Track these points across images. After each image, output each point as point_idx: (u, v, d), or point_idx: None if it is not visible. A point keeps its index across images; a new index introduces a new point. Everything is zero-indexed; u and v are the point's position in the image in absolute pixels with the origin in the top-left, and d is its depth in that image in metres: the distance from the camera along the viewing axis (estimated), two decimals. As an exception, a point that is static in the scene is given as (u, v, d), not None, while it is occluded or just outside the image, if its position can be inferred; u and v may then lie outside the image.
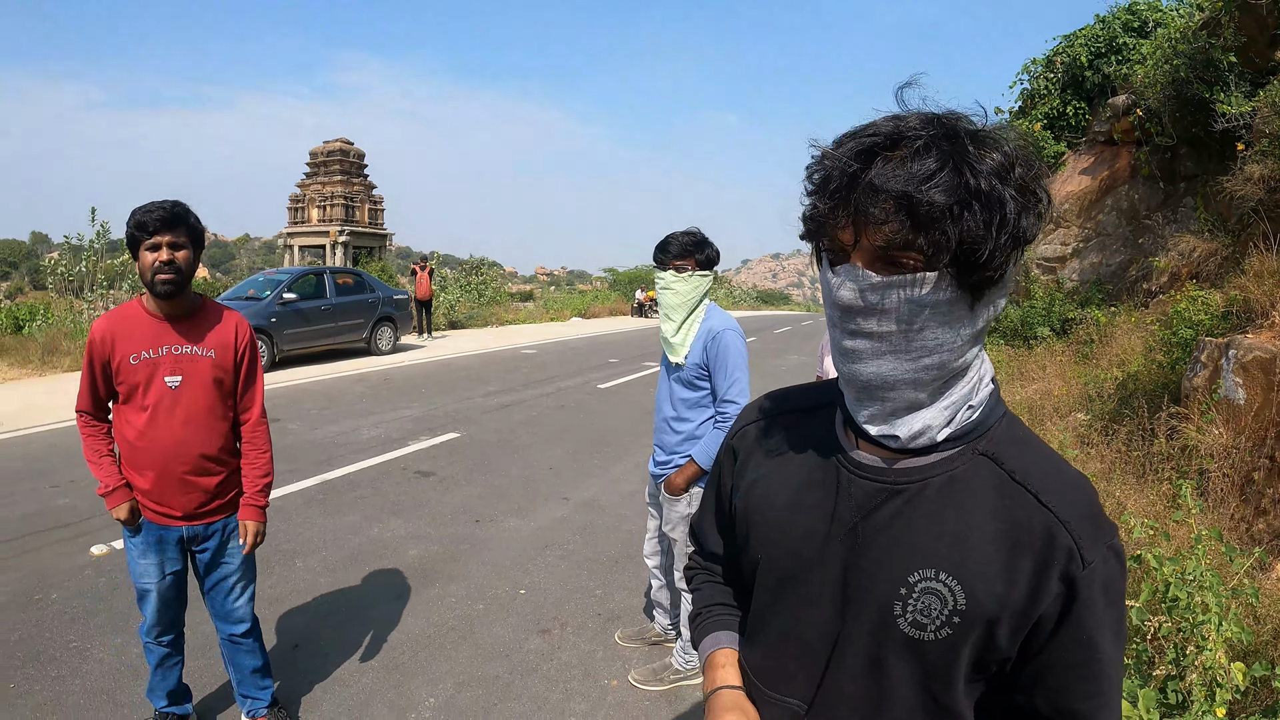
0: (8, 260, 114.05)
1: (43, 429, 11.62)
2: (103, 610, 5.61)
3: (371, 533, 7.20)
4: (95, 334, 3.59)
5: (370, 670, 4.90)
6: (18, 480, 8.79)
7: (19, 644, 5.15)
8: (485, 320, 34.04)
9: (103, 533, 7.03)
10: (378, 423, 11.97)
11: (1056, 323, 15.30)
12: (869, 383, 1.23)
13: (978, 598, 1.20)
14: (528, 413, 13.01)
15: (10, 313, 22.76)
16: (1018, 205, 1.10)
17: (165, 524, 3.70)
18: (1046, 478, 1.24)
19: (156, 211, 3.43)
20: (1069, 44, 18.39)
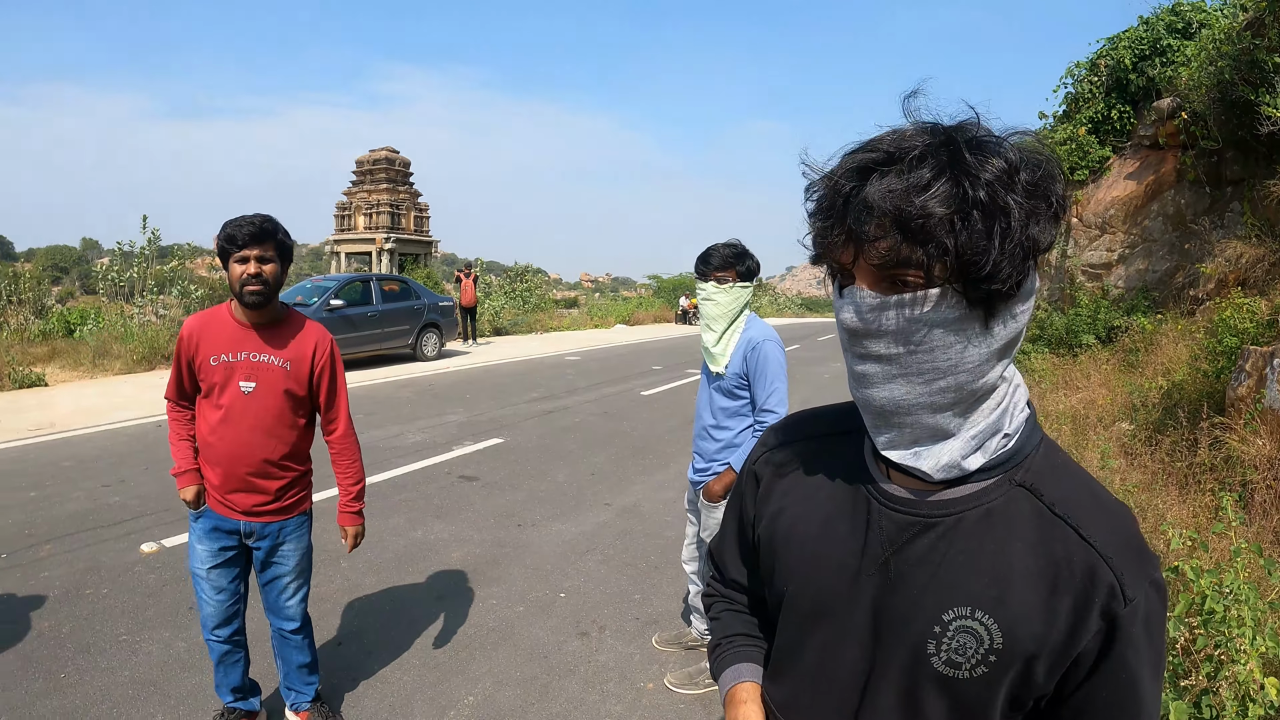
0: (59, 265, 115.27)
1: (94, 430, 11.88)
2: (152, 605, 5.77)
3: (415, 535, 7.31)
4: (184, 332, 3.77)
5: (411, 668, 4.99)
6: (70, 479, 9.01)
7: (70, 635, 5.32)
8: (530, 327, 34.22)
9: (152, 531, 7.22)
10: (423, 428, 12.10)
11: (1102, 330, 15.07)
12: (883, 408, 1.18)
13: (1016, 636, 1.15)
14: (571, 419, 13.09)
15: (62, 317, 23.14)
16: (1024, 212, 1.04)
17: (225, 514, 3.85)
18: (1087, 509, 1.19)
19: (246, 226, 3.55)
20: (1112, 46, 18.03)
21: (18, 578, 6.21)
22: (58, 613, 5.65)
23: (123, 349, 19.13)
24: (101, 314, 23.29)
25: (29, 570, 6.37)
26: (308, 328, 3.93)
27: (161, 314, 23.96)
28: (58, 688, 4.70)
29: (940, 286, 1.08)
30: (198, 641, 5.20)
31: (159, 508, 7.93)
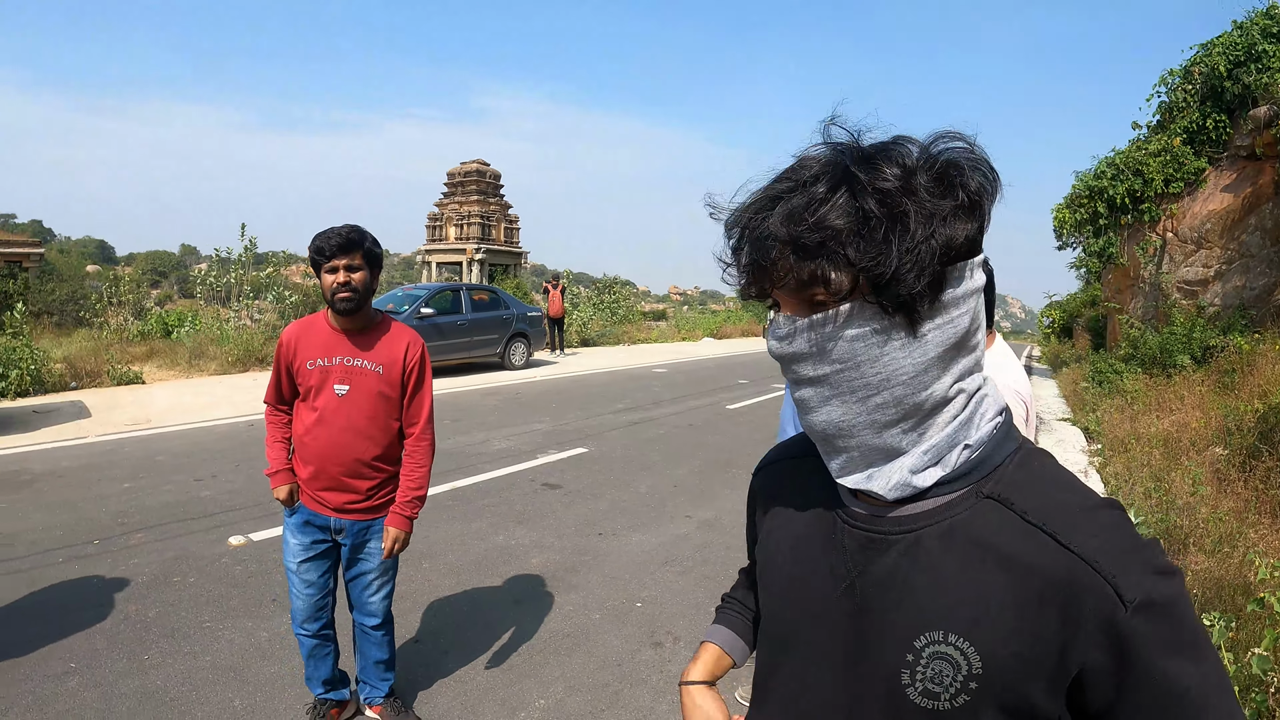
0: (158, 270, 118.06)
1: (188, 427, 12.25)
2: (237, 595, 5.90)
3: (497, 540, 7.36)
4: (284, 339, 3.96)
5: (484, 669, 5.02)
6: (163, 472, 9.29)
7: (156, 620, 5.48)
8: (617, 338, 34.28)
9: (241, 525, 7.39)
10: (508, 435, 12.19)
11: (1197, 350, 14.69)
12: (824, 432, 1.14)
13: (996, 659, 1.06)
14: (656, 430, 13.08)
15: (160, 319, 23.72)
16: (925, 213, 1.00)
17: (316, 510, 3.97)
18: (1067, 513, 1.08)
19: (334, 238, 3.71)
20: (1206, 53, 17.52)
21: (109, 563, 6.41)
22: (145, 598, 5.81)
23: (218, 351, 19.64)
24: (198, 317, 23.86)
25: (119, 557, 6.56)
26: (399, 332, 4.03)
27: (256, 318, 24.42)
28: (140, 668, 4.84)
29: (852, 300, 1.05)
30: (279, 632, 5.31)
31: (248, 503, 8.11)
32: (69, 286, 34.80)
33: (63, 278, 41.63)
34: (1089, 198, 18.45)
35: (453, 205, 46.42)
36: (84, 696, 4.51)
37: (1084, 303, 33.79)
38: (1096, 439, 12.26)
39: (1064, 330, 36.55)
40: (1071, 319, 35.08)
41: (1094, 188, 18.31)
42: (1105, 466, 10.17)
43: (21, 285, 27.67)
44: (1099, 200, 18.23)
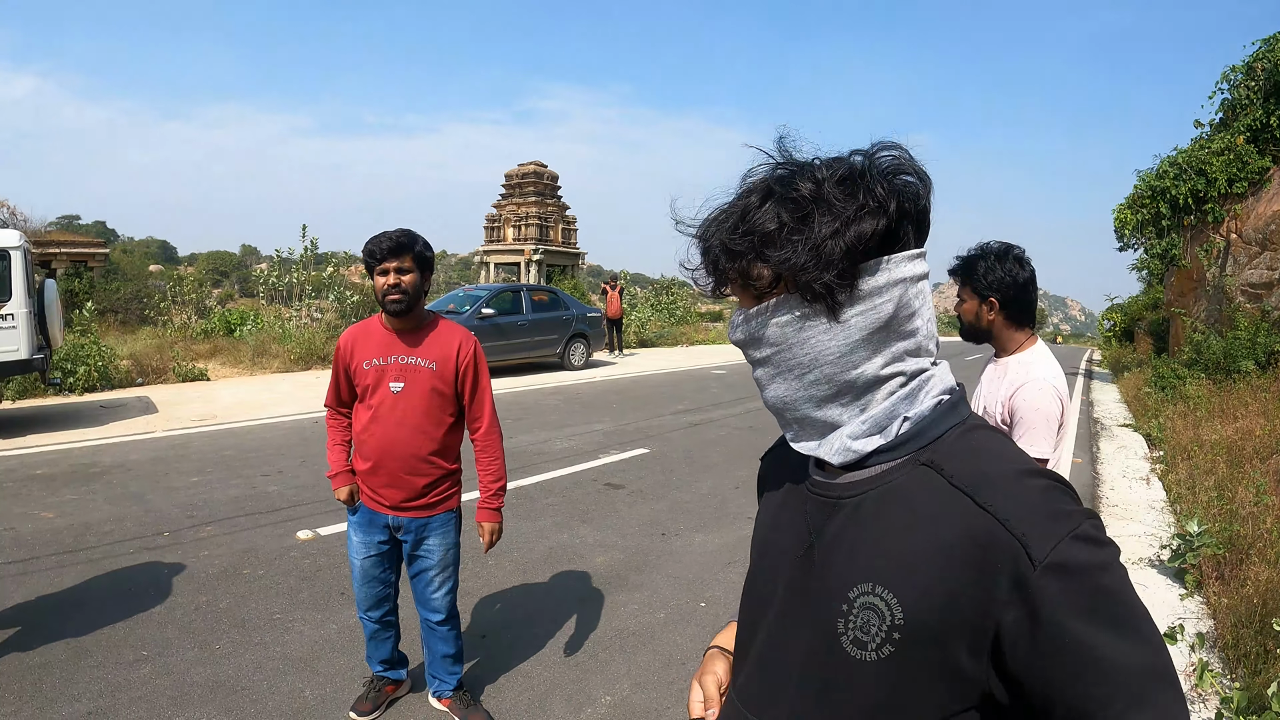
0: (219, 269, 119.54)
1: (253, 423, 12.43)
2: (306, 589, 5.96)
3: (561, 538, 7.38)
4: (341, 342, 4.14)
5: (551, 665, 5.04)
6: (230, 467, 9.43)
7: (226, 611, 5.56)
8: (675, 339, 34.27)
9: (308, 520, 7.47)
10: (570, 435, 12.24)
11: (1261, 356, 14.56)
12: (774, 406, 1.29)
13: (916, 612, 1.12)
14: (716, 432, 13.05)
15: (223, 317, 24.02)
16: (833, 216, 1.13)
17: (375, 509, 4.08)
18: (989, 479, 1.15)
19: (385, 242, 3.83)
20: (1269, 48, 17.35)
21: (179, 555, 6.51)
22: (215, 589, 5.90)
23: (280, 349, 19.91)
24: (260, 316, 24.12)
25: (189, 549, 6.66)
26: (452, 330, 4.13)
27: (315, 317, 24.64)
28: (212, 658, 4.92)
29: (779, 292, 1.20)
30: (348, 625, 5.37)
31: (314, 498, 8.20)
32: (133, 286, 35.21)
33: (127, 277, 42.11)
34: (1151, 198, 18.29)
35: (510, 206, 46.65)
36: (156, 684, 4.58)
37: (1145, 306, 33.40)
38: (1159, 445, 12.14)
39: (1125, 334, 36.14)
40: (1133, 322, 34.67)
41: (1156, 188, 18.14)
42: (1168, 474, 10.10)
43: (87, 284, 28.15)
44: (1161, 200, 18.06)
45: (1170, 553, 6.82)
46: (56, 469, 9.25)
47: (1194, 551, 6.42)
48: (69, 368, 15.14)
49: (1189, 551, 6.46)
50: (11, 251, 10.93)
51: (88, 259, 31.81)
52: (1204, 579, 6.24)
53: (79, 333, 17.17)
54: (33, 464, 9.40)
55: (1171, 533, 7.64)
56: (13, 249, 10.95)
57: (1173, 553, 6.73)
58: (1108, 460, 11.69)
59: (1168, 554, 6.93)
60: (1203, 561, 6.36)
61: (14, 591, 5.77)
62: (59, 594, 5.76)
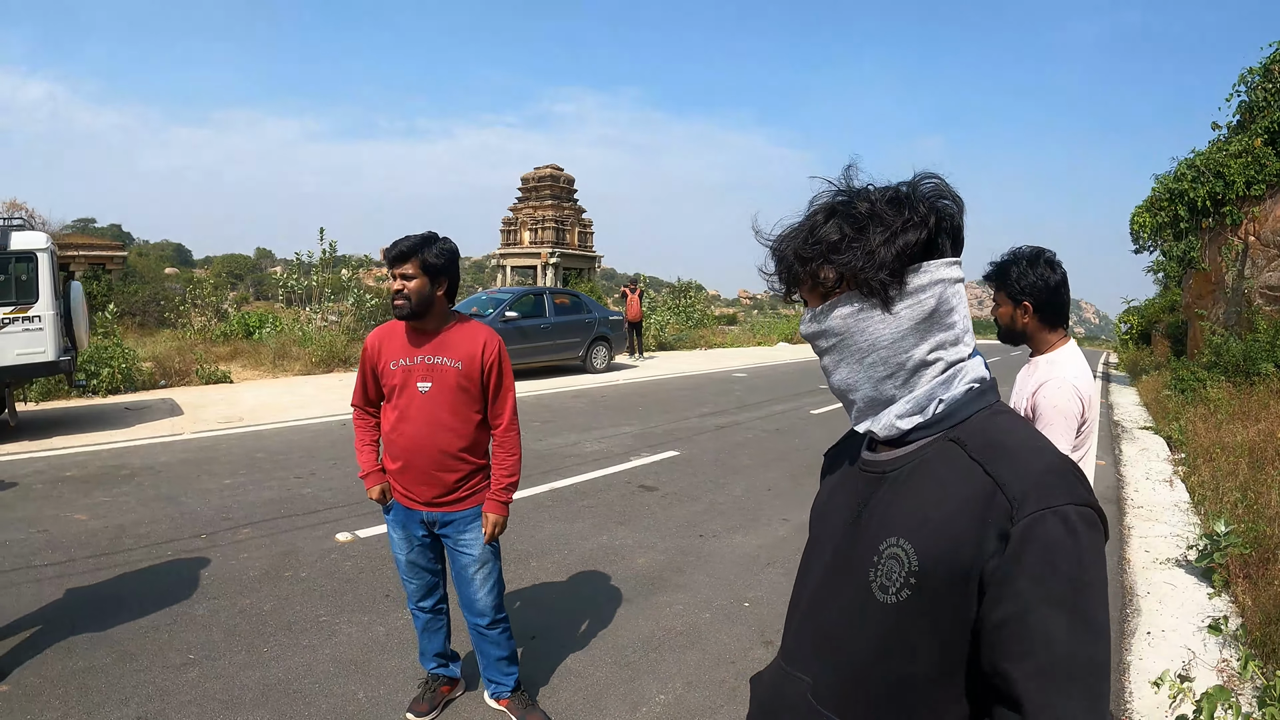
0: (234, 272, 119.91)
1: (281, 425, 12.43)
2: (349, 591, 5.92)
3: (600, 540, 7.35)
4: (368, 342, 4.20)
5: (603, 665, 5.03)
6: (263, 469, 9.41)
7: (271, 614, 5.51)
8: (694, 343, 34.30)
9: (346, 522, 7.44)
10: (599, 437, 12.21)
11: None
12: (838, 388, 1.52)
13: (928, 558, 1.32)
14: (743, 435, 13.03)
15: (242, 320, 24.08)
16: (884, 228, 1.37)
17: (409, 506, 4.15)
18: (1000, 452, 1.35)
19: (392, 249, 3.94)
20: None
21: (219, 557, 6.47)
22: (258, 591, 5.85)
23: (301, 351, 19.89)
24: (278, 319, 24.18)
25: (228, 551, 6.62)
26: (476, 330, 4.19)
27: (331, 319, 24.66)
28: (260, 661, 4.87)
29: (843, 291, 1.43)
30: (396, 627, 5.34)
31: (349, 500, 8.17)
32: (150, 288, 35.33)
33: (144, 280, 42.26)
34: (1169, 201, 18.28)
35: (527, 209, 46.68)
36: (206, 688, 4.53)
37: (1162, 308, 33.34)
38: (1180, 448, 12.12)
39: (1142, 336, 36.04)
40: (1150, 325, 34.59)
41: (1174, 190, 18.14)
42: (1190, 475, 10.09)
43: (105, 286, 28.24)
44: (1179, 203, 18.06)
45: (1197, 553, 6.86)
46: (86, 471, 9.23)
47: (1221, 551, 6.46)
48: (92, 370, 15.16)
49: (1216, 551, 6.50)
50: (39, 254, 10.93)
51: (106, 261, 31.94)
52: (1232, 578, 6.28)
53: (101, 335, 17.22)
54: (61, 466, 9.38)
55: (1197, 533, 7.66)
56: (40, 251, 10.94)
57: (1200, 553, 6.77)
58: (1130, 462, 11.68)
59: (1194, 554, 6.96)
60: (1230, 561, 6.41)
61: (53, 594, 5.73)
62: (98, 597, 5.72)
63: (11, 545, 6.66)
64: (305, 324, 23.64)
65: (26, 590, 5.78)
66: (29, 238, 11.05)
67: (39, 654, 4.86)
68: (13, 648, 4.93)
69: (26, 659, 4.79)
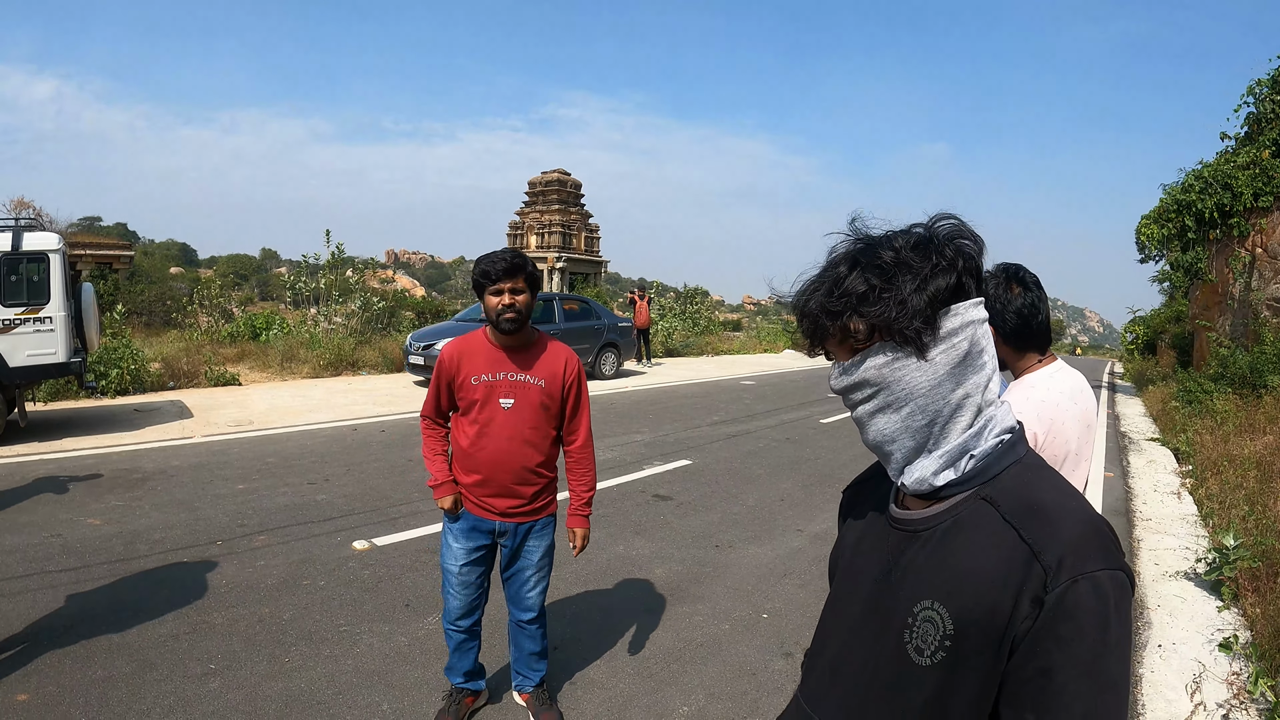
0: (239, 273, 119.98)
1: (292, 429, 12.41)
2: (369, 600, 5.89)
3: (617, 550, 7.35)
4: (444, 356, 4.19)
5: (625, 675, 5.03)
6: (276, 474, 9.38)
7: (291, 623, 5.48)
8: (700, 349, 34.29)
9: (362, 529, 7.41)
10: (611, 445, 12.16)
11: (1289, 370, 14.35)
12: (875, 441, 1.47)
13: (962, 623, 1.33)
14: (755, 444, 13.00)
15: (249, 321, 24.03)
16: (914, 275, 1.35)
17: (481, 515, 4.19)
18: (1034, 514, 1.35)
19: (500, 263, 3.91)
20: None
21: (235, 565, 6.44)
22: (277, 600, 5.82)
23: (309, 354, 19.85)
24: (285, 320, 24.14)
25: (245, 559, 6.59)
26: (557, 349, 4.26)
27: (338, 321, 24.60)
28: (282, 671, 4.84)
29: (874, 342, 1.40)
30: (418, 636, 5.32)
31: (365, 507, 8.14)
32: (156, 288, 35.38)
33: (150, 280, 42.36)
34: (1177, 211, 18.34)
35: (534, 214, 46.67)
36: (228, 698, 4.51)
37: (1168, 318, 33.33)
38: (1187, 460, 12.10)
39: (1148, 346, 36.02)
40: (1156, 335, 34.59)
41: (1182, 201, 18.18)
42: (1198, 488, 10.06)
43: (112, 286, 28.20)
44: (1187, 214, 18.11)
45: (1206, 566, 6.86)
46: (98, 474, 9.19)
47: (1230, 565, 6.47)
48: (101, 371, 15.15)
49: (1225, 565, 6.51)
50: (51, 255, 10.90)
51: (113, 261, 31.94)
52: (1241, 591, 6.28)
53: (110, 335, 17.19)
54: (72, 469, 9.34)
55: (1205, 546, 7.67)
56: (52, 252, 10.92)
57: (1209, 566, 6.78)
58: (1138, 475, 11.66)
59: (1203, 567, 6.95)
60: (1239, 575, 6.40)
61: (68, 601, 5.69)
62: (115, 603, 5.68)
63: (26, 550, 6.62)
64: (312, 326, 23.64)
65: (42, 596, 5.74)
66: (41, 238, 11.02)
67: (57, 662, 4.83)
68: (31, 655, 4.89)
69: (45, 667, 4.76)
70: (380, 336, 23.86)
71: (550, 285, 44.77)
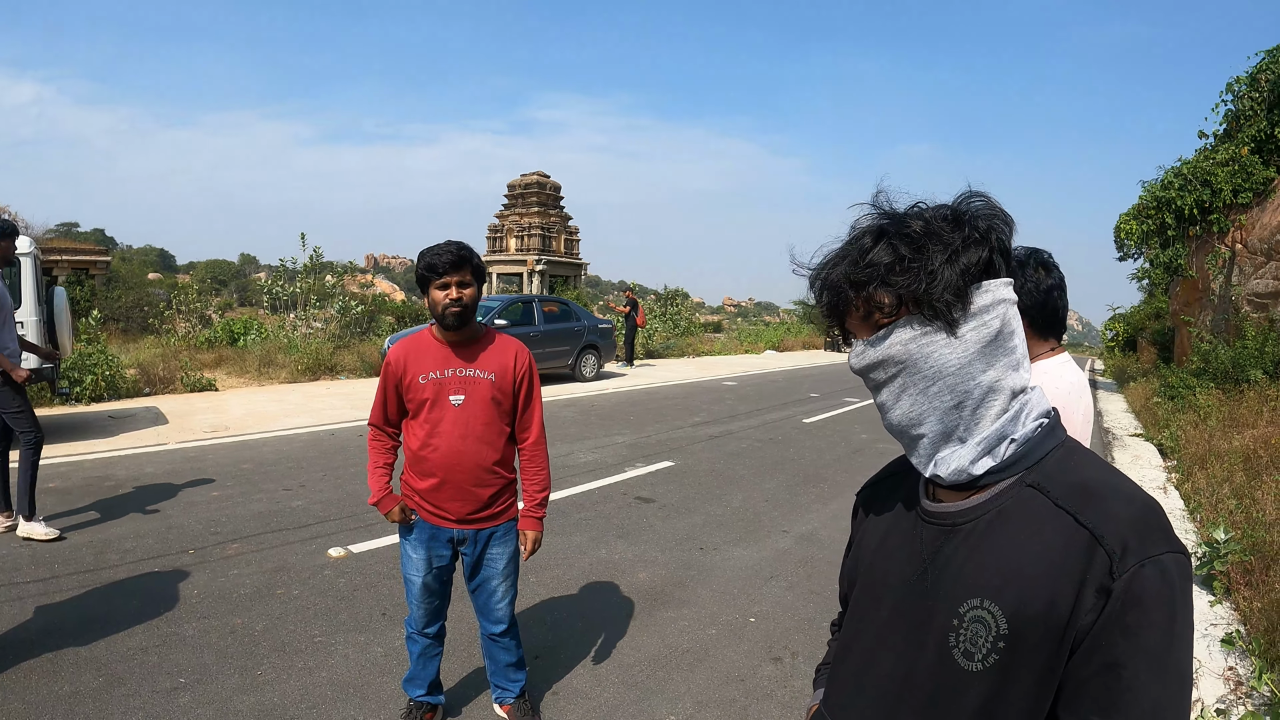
0: (218, 278, 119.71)
1: (269, 435, 12.22)
2: (345, 609, 5.74)
3: (599, 554, 7.22)
4: (391, 357, 4.06)
5: (610, 684, 4.92)
6: (251, 481, 9.20)
7: (264, 634, 5.33)
8: (681, 350, 34.28)
9: (338, 536, 7.26)
10: (593, 448, 12.07)
11: (1270, 365, 14.63)
12: (900, 425, 1.40)
13: (1020, 620, 1.25)
14: (738, 444, 12.92)
15: (227, 326, 23.88)
16: (944, 246, 1.30)
17: (438, 524, 4.03)
18: (1088, 497, 1.28)
19: (445, 255, 3.81)
20: (1273, 59, 17.56)
21: (208, 574, 6.28)
22: (249, 610, 5.67)
23: (286, 359, 19.74)
24: (263, 325, 23.99)
25: (217, 567, 6.42)
26: (506, 342, 4.15)
27: (316, 326, 24.44)
28: (255, 684, 4.70)
29: (901, 316, 1.33)
30: (394, 647, 5.18)
31: (341, 514, 7.99)
32: (134, 294, 35.18)
33: (127, 285, 42.05)
34: (1156, 208, 18.51)
35: (513, 217, 46.59)
36: (198, 713, 4.36)
37: (1148, 315, 33.51)
38: (1172, 455, 12.13)
39: (1128, 343, 36.17)
40: (1136, 331, 34.73)
41: (1162, 199, 18.37)
42: (1184, 483, 10.06)
43: (89, 292, 28.04)
44: (1167, 211, 18.30)
45: (1197, 560, 6.79)
46: (69, 482, 9.01)
47: (1221, 559, 6.44)
48: (75, 377, 14.92)
49: (1216, 559, 6.48)
50: (22, 258, 10.73)
51: (89, 266, 31.78)
52: (1233, 585, 6.26)
53: (85, 341, 16.99)
54: (44, 476, 9.04)
55: (1194, 540, 7.62)
56: (23, 255, 10.74)
57: (1199, 560, 6.72)
58: (1123, 470, 11.52)
59: (1194, 561, 6.85)
60: (1230, 568, 6.39)
61: (36, 614, 5.52)
62: (83, 615, 5.52)
63: (-7, 560, 6.43)
64: (290, 331, 23.46)
65: (8, 609, 5.58)
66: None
67: (23, 677, 4.67)
68: (-4, 669, 4.73)
69: (10, 682, 4.60)
70: (359, 341, 23.69)
71: (530, 288, 44.68)
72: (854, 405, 18.58)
